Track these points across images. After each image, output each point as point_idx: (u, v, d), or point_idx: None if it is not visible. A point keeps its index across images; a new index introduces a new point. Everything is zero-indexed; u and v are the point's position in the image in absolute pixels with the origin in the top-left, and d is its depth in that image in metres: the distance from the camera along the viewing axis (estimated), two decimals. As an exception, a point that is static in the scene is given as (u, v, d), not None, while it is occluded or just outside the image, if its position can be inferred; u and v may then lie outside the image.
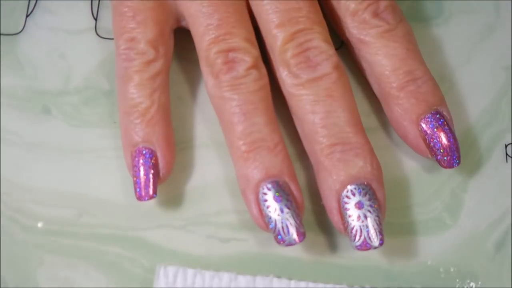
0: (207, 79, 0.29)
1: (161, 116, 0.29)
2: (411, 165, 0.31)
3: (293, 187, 0.28)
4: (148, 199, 0.28)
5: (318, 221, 0.30)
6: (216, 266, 0.29)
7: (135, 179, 0.29)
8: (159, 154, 0.29)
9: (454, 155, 0.29)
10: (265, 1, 0.29)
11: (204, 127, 0.31)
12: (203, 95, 0.32)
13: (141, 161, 0.29)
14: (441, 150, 0.29)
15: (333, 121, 0.28)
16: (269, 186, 0.28)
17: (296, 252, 0.29)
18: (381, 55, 0.30)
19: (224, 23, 0.29)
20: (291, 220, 0.27)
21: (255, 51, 0.29)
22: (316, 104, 0.28)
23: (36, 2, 0.33)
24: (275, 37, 0.29)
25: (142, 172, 0.29)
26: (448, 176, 0.31)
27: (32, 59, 0.32)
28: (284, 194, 0.27)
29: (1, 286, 0.29)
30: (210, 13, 0.29)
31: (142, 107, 0.29)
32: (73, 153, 0.31)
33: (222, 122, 0.29)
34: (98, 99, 0.32)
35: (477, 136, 0.32)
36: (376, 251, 0.30)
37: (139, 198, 0.29)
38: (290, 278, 0.29)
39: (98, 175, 0.30)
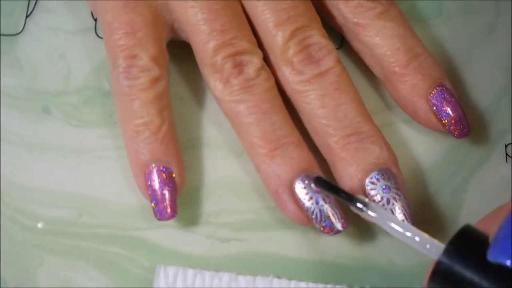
0: (215, 85, 0.29)
1: (172, 134, 0.29)
2: (411, 165, 0.31)
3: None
4: (168, 219, 0.28)
5: (318, 221, 0.30)
6: (216, 266, 0.29)
7: (153, 200, 0.28)
8: (175, 172, 0.29)
9: (465, 124, 0.30)
10: (259, 2, 0.29)
11: (204, 127, 0.31)
12: (203, 95, 0.32)
13: (158, 180, 0.28)
14: (452, 121, 0.30)
15: (344, 113, 0.29)
16: (306, 180, 0.28)
17: (296, 252, 0.29)
18: (380, 36, 0.30)
19: (227, 28, 0.29)
20: (334, 209, 0.28)
21: (260, 52, 0.30)
22: (325, 98, 0.29)
23: (36, 2, 0.33)
24: (275, 37, 0.29)
25: (164, 192, 0.28)
26: (448, 176, 0.31)
27: (32, 59, 0.32)
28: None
29: (1, 286, 0.29)
30: (212, 19, 0.29)
31: (153, 126, 0.28)
32: (73, 153, 0.31)
33: (238, 125, 0.29)
34: (98, 99, 0.32)
35: (477, 136, 0.32)
36: (376, 251, 0.30)
37: (161, 219, 0.28)
38: (290, 278, 0.29)
39: (98, 175, 0.30)
